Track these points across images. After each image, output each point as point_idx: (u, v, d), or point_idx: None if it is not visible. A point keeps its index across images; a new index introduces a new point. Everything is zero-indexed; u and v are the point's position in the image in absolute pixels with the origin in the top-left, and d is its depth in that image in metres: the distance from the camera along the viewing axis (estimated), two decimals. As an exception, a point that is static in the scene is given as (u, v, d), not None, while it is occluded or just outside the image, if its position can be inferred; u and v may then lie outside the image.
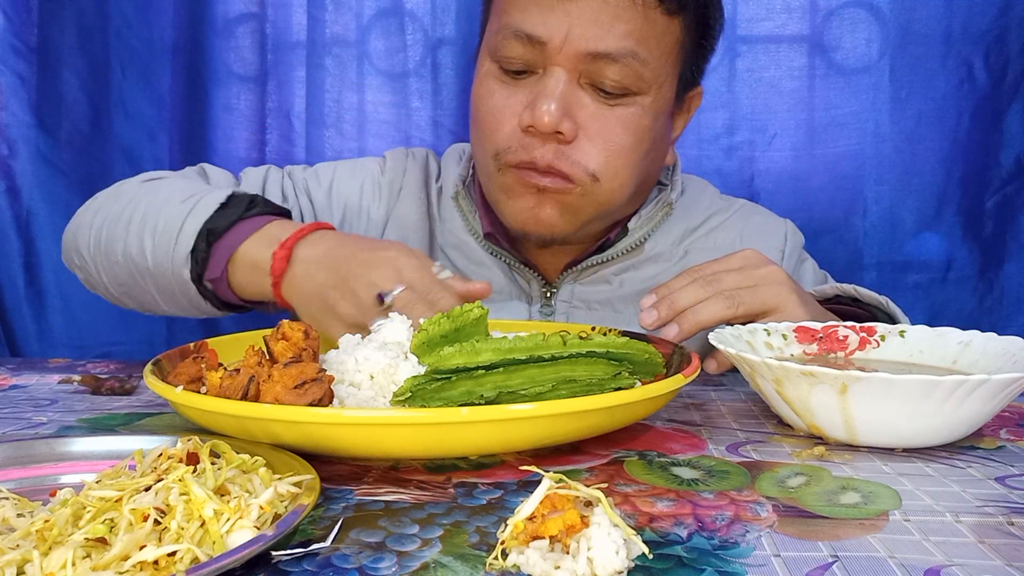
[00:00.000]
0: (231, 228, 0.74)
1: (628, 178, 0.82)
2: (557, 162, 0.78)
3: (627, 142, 0.79)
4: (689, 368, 0.55)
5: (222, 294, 0.77)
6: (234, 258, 0.74)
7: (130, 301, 0.86)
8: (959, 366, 0.61)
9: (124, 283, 0.83)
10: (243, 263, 0.73)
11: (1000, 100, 1.22)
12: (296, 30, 1.32)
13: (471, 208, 0.92)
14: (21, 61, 1.27)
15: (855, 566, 0.36)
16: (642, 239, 0.90)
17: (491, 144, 0.81)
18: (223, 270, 0.74)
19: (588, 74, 0.77)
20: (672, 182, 0.93)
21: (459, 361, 0.50)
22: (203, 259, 0.74)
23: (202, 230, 0.74)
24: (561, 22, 0.76)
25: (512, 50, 0.78)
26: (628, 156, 0.80)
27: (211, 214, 0.74)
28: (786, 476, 0.48)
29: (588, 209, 0.82)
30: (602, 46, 0.76)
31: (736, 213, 0.97)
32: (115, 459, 0.44)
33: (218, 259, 0.74)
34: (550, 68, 0.77)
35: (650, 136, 0.81)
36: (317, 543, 0.37)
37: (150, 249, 0.77)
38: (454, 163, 0.97)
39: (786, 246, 0.96)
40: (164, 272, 0.77)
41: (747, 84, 1.27)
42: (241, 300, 0.78)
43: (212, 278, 0.75)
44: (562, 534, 0.35)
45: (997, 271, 1.24)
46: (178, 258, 0.75)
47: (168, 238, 0.75)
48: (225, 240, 0.74)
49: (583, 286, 0.91)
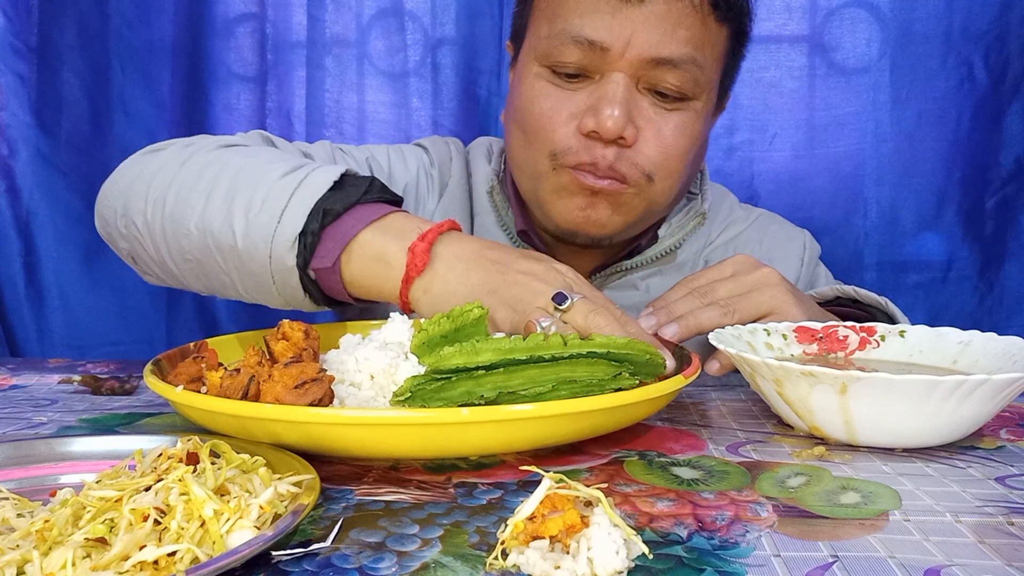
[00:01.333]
0: (347, 212, 0.64)
1: (678, 179, 0.82)
2: (617, 164, 0.78)
3: (682, 145, 0.80)
4: (689, 368, 0.55)
5: (328, 286, 0.66)
6: (351, 246, 0.64)
7: (195, 281, 0.73)
8: (959, 366, 0.61)
9: (195, 259, 0.70)
10: (363, 253, 0.64)
11: (1000, 100, 1.22)
12: (296, 30, 1.32)
13: (505, 204, 0.92)
14: (21, 61, 1.27)
15: (855, 566, 0.36)
16: (674, 247, 0.91)
17: (546, 145, 0.80)
18: (336, 259, 0.64)
19: (648, 79, 0.77)
20: (702, 192, 0.93)
21: (459, 361, 0.50)
22: (313, 243, 0.64)
23: (315, 210, 0.63)
24: (624, 28, 0.75)
25: (569, 55, 0.77)
26: (682, 159, 0.81)
27: (324, 193, 0.64)
28: (786, 476, 0.48)
29: (638, 208, 0.82)
30: (665, 52, 0.76)
31: (755, 223, 0.99)
32: (115, 459, 0.44)
33: (331, 246, 0.64)
34: (609, 73, 0.77)
35: (700, 139, 0.83)
36: (317, 543, 0.37)
37: (241, 226, 0.65)
38: (483, 158, 0.96)
39: (805, 254, 0.97)
40: (258, 254, 0.65)
41: (747, 84, 1.27)
42: (348, 294, 0.67)
43: (320, 267, 0.65)
44: (562, 534, 0.35)
45: (997, 271, 1.24)
46: (281, 240, 0.63)
47: (268, 216, 0.64)
48: (340, 225, 0.64)
49: (610, 291, 0.92)
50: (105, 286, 1.32)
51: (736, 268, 0.73)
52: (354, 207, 0.65)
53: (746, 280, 0.71)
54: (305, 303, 0.68)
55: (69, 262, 1.31)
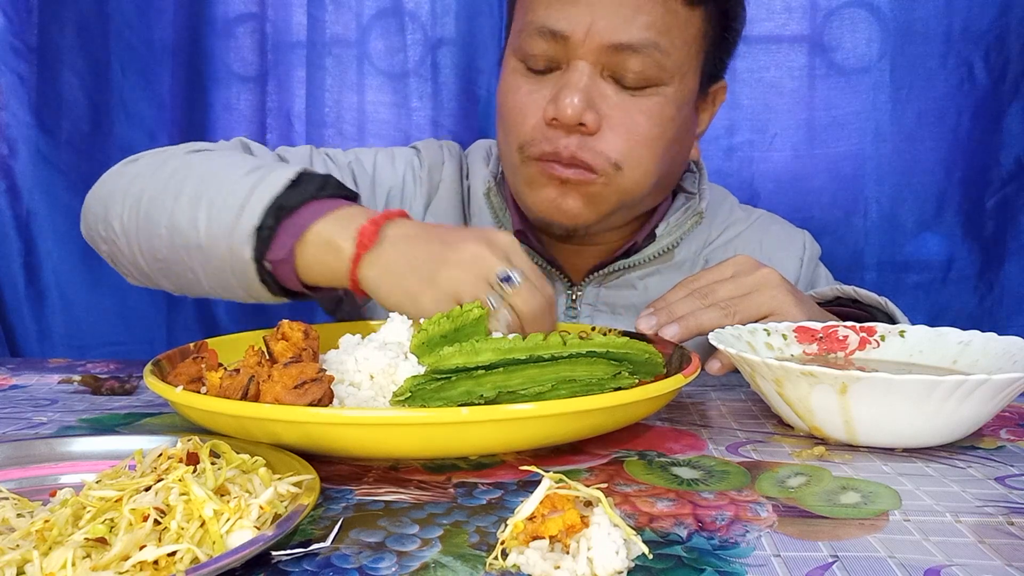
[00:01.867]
0: (302, 206, 0.68)
1: (650, 167, 0.82)
2: (580, 153, 0.78)
3: (651, 132, 0.80)
4: (689, 368, 0.55)
5: (283, 277, 0.70)
6: (305, 237, 0.67)
7: (164, 280, 0.78)
8: (959, 366, 0.61)
9: (164, 258, 0.75)
10: (316, 241, 0.67)
11: (1000, 100, 1.22)
12: (296, 30, 1.32)
13: (501, 205, 0.93)
14: (21, 61, 1.27)
15: (855, 566, 0.36)
16: (671, 245, 0.91)
17: (515, 137, 0.82)
18: (290, 250, 0.68)
19: (610, 66, 0.78)
20: (700, 191, 0.93)
21: (459, 361, 0.50)
22: (268, 237, 0.68)
23: (271, 206, 0.67)
24: (583, 15, 0.76)
25: (536, 46, 0.79)
26: (651, 146, 0.81)
27: (281, 190, 0.68)
28: (786, 476, 0.48)
29: (611, 199, 0.82)
30: (624, 37, 0.76)
31: (755, 224, 0.99)
32: (115, 459, 0.44)
33: (285, 239, 0.68)
34: (573, 62, 0.78)
35: (673, 126, 0.82)
36: (317, 543, 0.37)
37: (204, 222, 0.70)
38: (482, 161, 0.97)
39: (805, 255, 0.98)
40: (218, 248, 0.69)
41: (747, 84, 1.27)
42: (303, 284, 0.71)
43: (275, 259, 0.68)
44: (562, 534, 0.35)
45: (997, 271, 1.24)
46: (239, 234, 0.67)
47: (229, 212, 0.68)
48: (296, 218, 0.68)
49: (608, 290, 0.92)
50: (105, 286, 1.32)
51: (737, 269, 0.73)
52: (309, 202, 0.68)
53: (746, 281, 0.71)
54: (264, 294, 0.72)
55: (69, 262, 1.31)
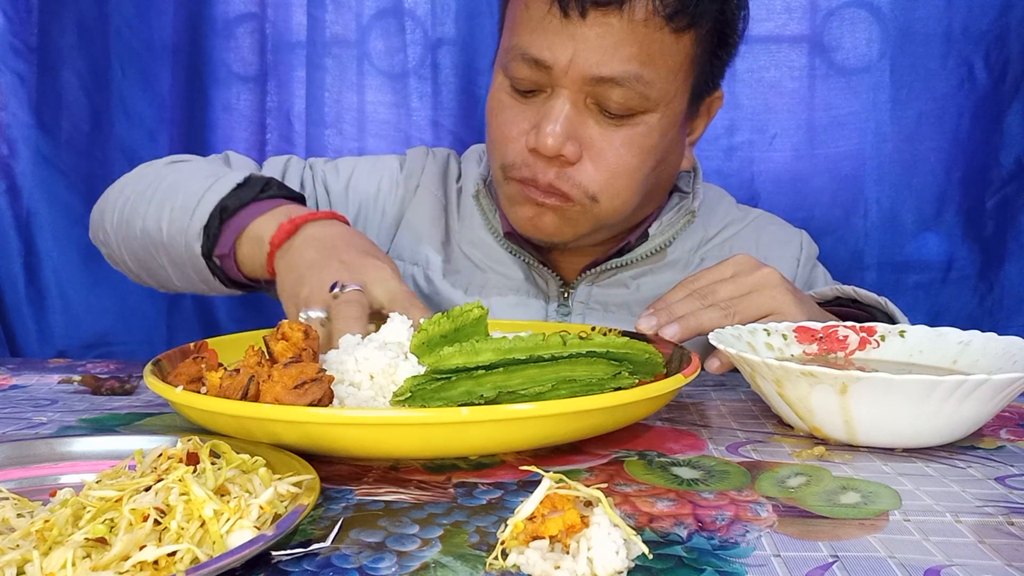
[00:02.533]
0: (244, 207, 0.77)
1: (629, 197, 0.83)
2: (557, 182, 0.80)
3: (631, 163, 0.80)
4: (689, 368, 0.55)
5: (228, 270, 0.79)
6: (243, 234, 0.76)
7: (148, 277, 0.90)
8: (959, 366, 0.61)
9: (141, 258, 0.86)
10: (249, 238, 0.75)
11: (1000, 100, 1.22)
12: (296, 30, 1.32)
13: (491, 207, 0.94)
14: (21, 61, 1.27)
15: (855, 566, 0.36)
16: (663, 245, 0.91)
17: (499, 157, 0.84)
18: (231, 246, 0.77)
19: (593, 96, 0.78)
20: (694, 191, 0.94)
21: (459, 361, 0.50)
22: (214, 235, 0.77)
23: (216, 208, 0.77)
24: (566, 47, 0.76)
25: (520, 71, 0.79)
26: (631, 176, 0.81)
27: (227, 193, 0.77)
28: (786, 476, 0.48)
29: (586, 224, 0.84)
30: (606, 71, 0.76)
31: (752, 223, 0.99)
32: (115, 459, 0.44)
33: (228, 236, 0.77)
34: (556, 90, 0.78)
35: (656, 154, 0.82)
36: (317, 543, 0.37)
37: (166, 224, 0.80)
38: (475, 163, 0.98)
39: (802, 255, 0.98)
40: (177, 246, 0.80)
41: (747, 84, 1.27)
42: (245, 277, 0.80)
43: (221, 254, 0.78)
44: (562, 534, 0.35)
45: (997, 271, 1.24)
46: (191, 233, 0.78)
47: (184, 213, 0.78)
48: (237, 218, 0.77)
49: (600, 288, 0.92)
50: (105, 286, 1.32)
51: (737, 269, 0.73)
52: (251, 203, 0.77)
53: (747, 281, 0.71)
54: (218, 286, 0.82)
55: (69, 262, 1.31)
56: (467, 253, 0.94)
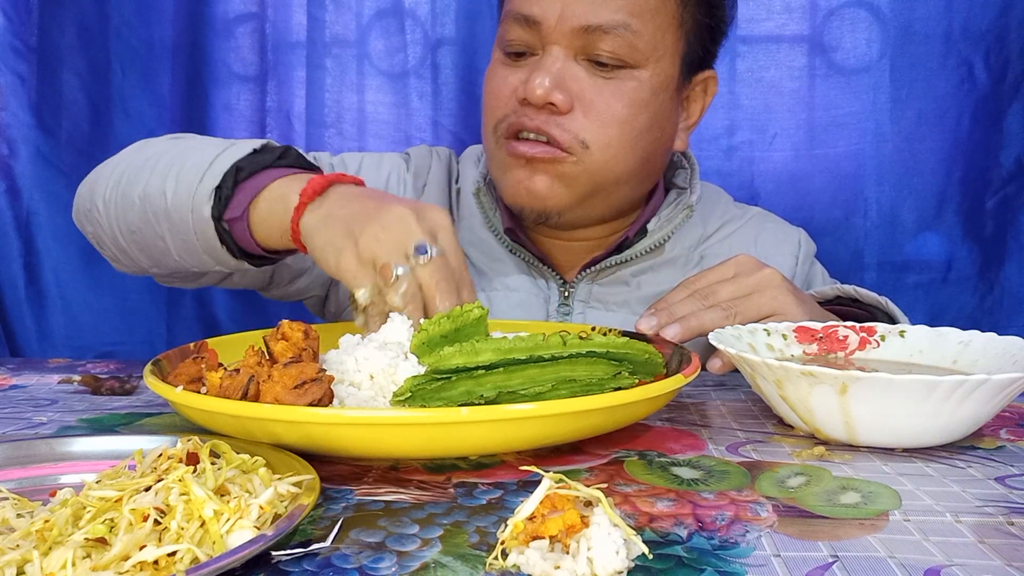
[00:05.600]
0: (261, 171, 0.73)
1: (622, 149, 0.83)
2: (547, 126, 0.80)
3: (621, 113, 0.81)
4: (689, 368, 0.55)
5: (239, 235, 0.74)
6: (260, 195, 0.71)
7: (139, 253, 0.82)
8: (959, 366, 0.61)
9: (136, 229, 0.79)
10: (269, 197, 0.71)
11: (1000, 100, 1.22)
12: (296, 30, 1.32)
13: (491, 204, 0.94)
14: (21, 61, 1.27)
15: (855, 566, 0.36)
16: (662, 240, 0.91)
17: (491, 118, 0.85)
18: (245, 209, 0.72)
19: (584, 50, 0.80)
20: (692, 186, 0.94)
21: (459, 361, 0.50)
22: (227, 197, 0.72)
23: (231, 168, 0.72)
24: (555, 1, 0.79)
25: (512, 32, 0.82)
26: (622, 127, 0.82)
27: (243, 156, 0.73)
28: (786, 476, 0.48)
29: (581, 179, 0.83)
30: (594, 19, 0.79)
31: (750, 221, 0.99)
32: (115, 459, 0.44)
33: (241, 198, 0.72)
34: (548, 47, 0.81)
35: (648, 111, 0.83)
36: (317, 543, 0.37)
37: (172, 188, 0.74)
38: (472, 164, 0.98)
39: (800, 252, 0.98)
40: (182, 211, 0.73)
41: (747, 84, 1.27)
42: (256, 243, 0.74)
43: (231, 217, 0.72)
44: (562, 534, 0.35)
45: (997, 271, 1.24)
46: (201, 194, 0.72)
47: (194, 176, 0.73)
48: (253, 181, 0.72)
49: (601, 286, 0.92)
50: (105, 286, 1.32)
51: (738, 269, 0.73)
52: (268, 168, 0.73)
53: (748, 282, 0.71)
54: (223, 255, 0.75)
55: (69, 262, 1.31)
56: (468, 253, 0.94)
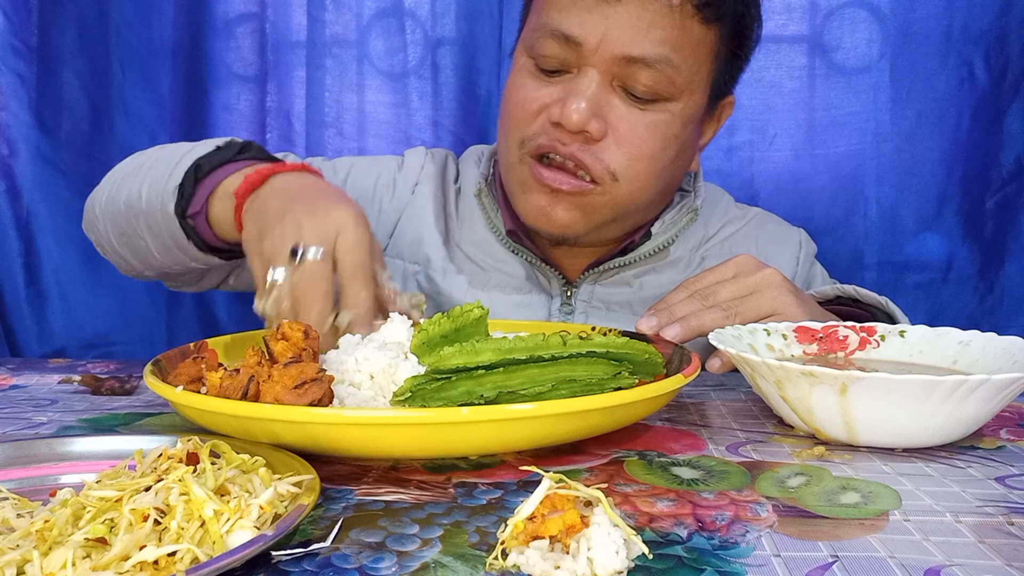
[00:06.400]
0: (220, 167, 0.75)
1: (648, 182, 0.82)
2: (580, 154, 0.79)
3: (654, 147, 0.80)
4: (689, 368, 0.55)
5: (201, 231, 0.77)
6: (216, 191, 0.74)
7: (129, 253, 0.86)
8: (959, 366, 0.61)
9: (123, 232, 0.84)
10: (221, 194, 0.74)
11: (1000, 100, 1.22)
12: (296, 30, 1.32)
13: (493, 206, 0.94)
14: (21, 61, 1.27)
15: (855, 566, 0.36)
16: (666, 243, 0.91)
17: (517, 132, 0.83)
18: (203, 204, 0.75)
19: (621, 77, 0.78)
20: (696, 189, 0.94)
21: (459, 361, 0.50)
22: (188, 194, 0.75)
23: (191, 167, 0.75)
24: (598, 24, 0.77)
25: (548, 48, 0.80)
26: (652, 161, 0.81)
27: (204, 154, 0.76)
28: (786, 476, 0.48)
29: (604, 211, 0.83)
30: (637, 51, 0.76)
31: (751, 221, 0.99)
32: (115, 459, 0.44)
33: (201, 194, 0.75)
34: (584, 69, 0.78)
35: (677, 143, 0.82)
36: (317, 543, 0.37)
37: (146, 189, 0.79)
38: (474, 164, 0.98)
39: (801, 253, 0.98)
40: (154, 210, 0.77)
41: (747, 84, 1.27)
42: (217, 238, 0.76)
43: (193, 212, 0.75)
44: (562, 534, 0.35)
45: (997, 271, 1.24)
46: (167, 193, 0.76)
47: (162, 176, 0.77)
48: (212, 177, 0.75)
49: (603, 287, 0.92)
50: (105, 286, 1.32)
51: (738, 269, 0.73)
52: (227, 164, 0.75)
53: (748, 282, 0.71)
54: (192, 250, 0.78)
55: (69, 262, 1.31)
56: (468, 253, 0.94)
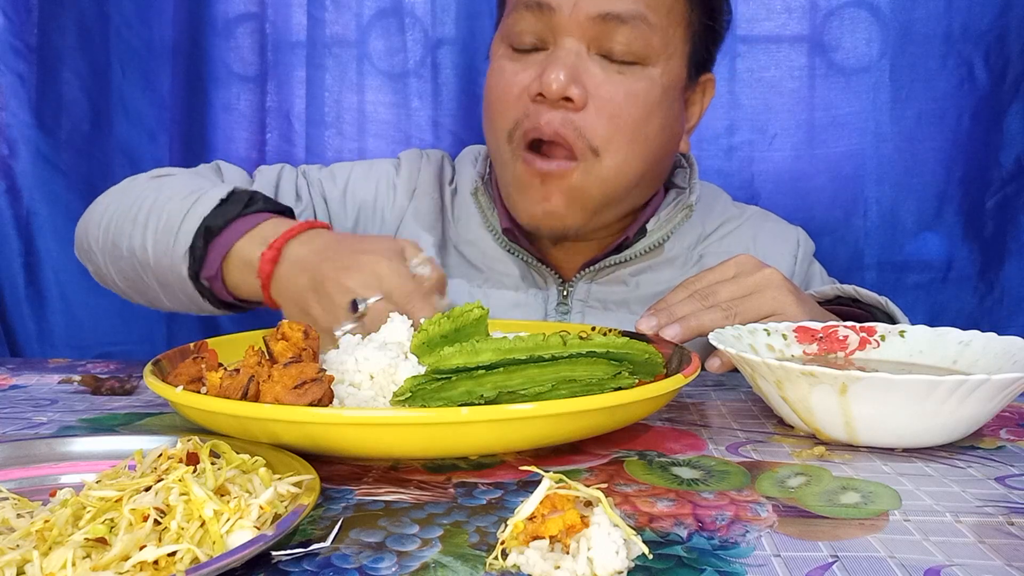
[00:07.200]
0: (228, 226, 0.73)
1: (632, 155, 0.82)
2: (563, 129, 0.79)
3: (635, 114, 0.80)
4: (689, 368, 0.55)
5: (219, 293, 0.76)
6: (228, 256, 0.73)
7: (138, 296, 0.86)
8: (959, 366, 0.61)
9: (130, 278, 0.83)
10: (236, 262, 0.72)
11: (1000, 100, 1.22)
12: (296, 30, 1.32)
13: (490, 204, 0.93)
14: (21, 61, 1.27)
15: (855, 566, 0.36)
16: (661, 240, 0.91)
17: (503, 122, 0.83)
18: (218, 268, 0.73)
19: (598, 41, 0.79)
20: (691, 185, 0.94)
21: (459, 361, 0.50)
22: (200, 257, 0.73)
23: (200, 228, 0.73)
24: None
25: (522, 22, 0.80)
26: (635, 131, 0.81)
27: (210, 211, 0.74)
28: (786, 476, 0.48)
29: (593, 191, 0.82)
30: (611, 7, 0.77)
31: (749, 220, 0.99)
32: (115, 459, 0.44)
33: (214, 257, 0.73)
34: (560, 39, 0.79)
35: (660, 113, 0.82)
36: (317, 543, 0.37)
37: (151, 245, 0.77)
38: (470, 164, 0.98)
39: (799, 251, 0.98)
40: (164, 268, 0.76)
41: (747, 84, 1.27)
42: (237, 299, 0.77)
43: (208, 276, 0.74)
44: (562, 534, 0.35)
45: (997, 271, 1.24)
46: (176, 255, 0.74)
47: (168, 235, 0.75)
48: (221, 238, 0.73)
49: (599, 286, 0.92)
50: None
51: (739, 269, 0.73)
52: (235, 221, 0.73)
53: (748, 282, 0.71)
54: (208, 307, 0.78)
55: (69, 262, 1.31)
56: (464, 253, 0.94)
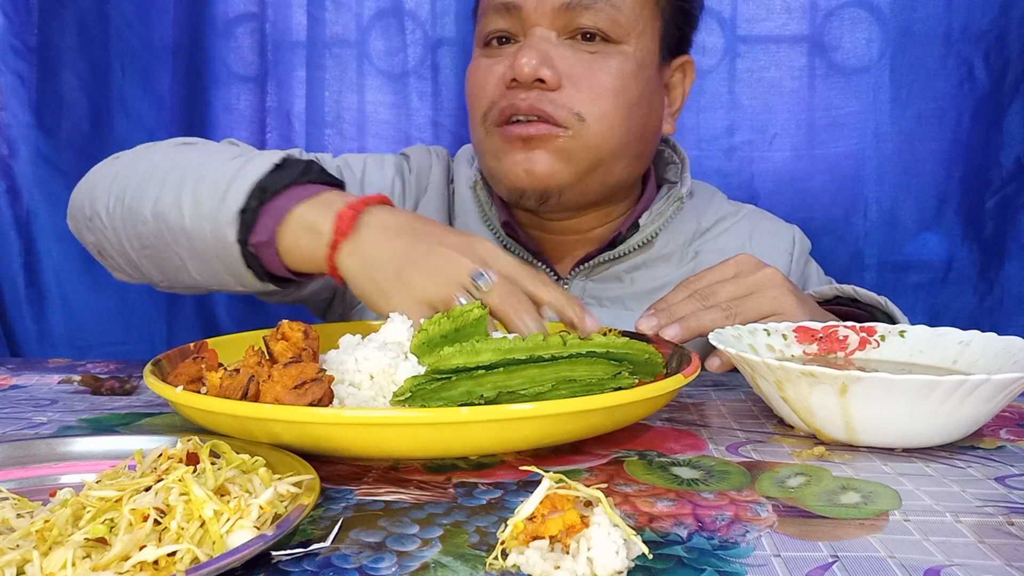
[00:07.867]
0: (285, 190, 0.68)
1: (616, 121, 0.83)
2: (539, 103, 0.80)
3: (612, 84, 0.82)
4: (689, 368, 0.55)
5: (267, 260, 0.69)
6: (287, 220, 0.67)
7: (152, 268, 0.77)
8: (959, 366, 0.61)
9: (150, 245, 0.75)
10: (297, 225, 0.66)
11: (1000, 100, 1.22)
12: (296, 30, 1.32)
13: (488, 200, 0.94)
14: (21, 61, 1.27)
15: (855, 566, 0.36)
16: (653, 235, 0.91)
17: (479, 108, 0.85)
18: (272, 233, 0.67)
19: (566, 27, 0.81)
20: (682, 179, 0.94)
21: (459, 361, 0.50)
22: (252, 220, 0.67)
23: (255, 188, 0.67)
24: None
25: (493, 23, 0.83)
26: (615, 99, 0.82)
27: (265, 174, 0.68)
28: (786, 476, 0.48)
29: (580, 155, 0.82)
30: None
31: (745, 217, 0.99)
32: (115, 459, 0.44)
33: (266, 221, 0.67)
34: (529, 30, 0.82)
35: (636, 83, 0.84)
36: (317, 543, 0.37)
37: (189, 206, 0.70)
38: (466, 163, 0.98)
39: (794, 249, 0.98)
40: (202, 232, 0.69)
41: (747, 84, 1.27)
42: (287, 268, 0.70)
43: (258, 242, 0.68)
44: (562, 534, 0.35)
45: (997, 271, 1.24)
46: (223, 217, 0.67)
47: (213, 196, 0.68)
48: (277, 201, 0.67)
49: (595, 283, 0.92)
50: (105, 286, 1.32)
51: (738, 269, 0.73)
52: (292, 187, 0.68)
53: (748, 281, 0.71)
54: (248, 278, 0.70)
55: (69, 262, 1.31)
56: None
